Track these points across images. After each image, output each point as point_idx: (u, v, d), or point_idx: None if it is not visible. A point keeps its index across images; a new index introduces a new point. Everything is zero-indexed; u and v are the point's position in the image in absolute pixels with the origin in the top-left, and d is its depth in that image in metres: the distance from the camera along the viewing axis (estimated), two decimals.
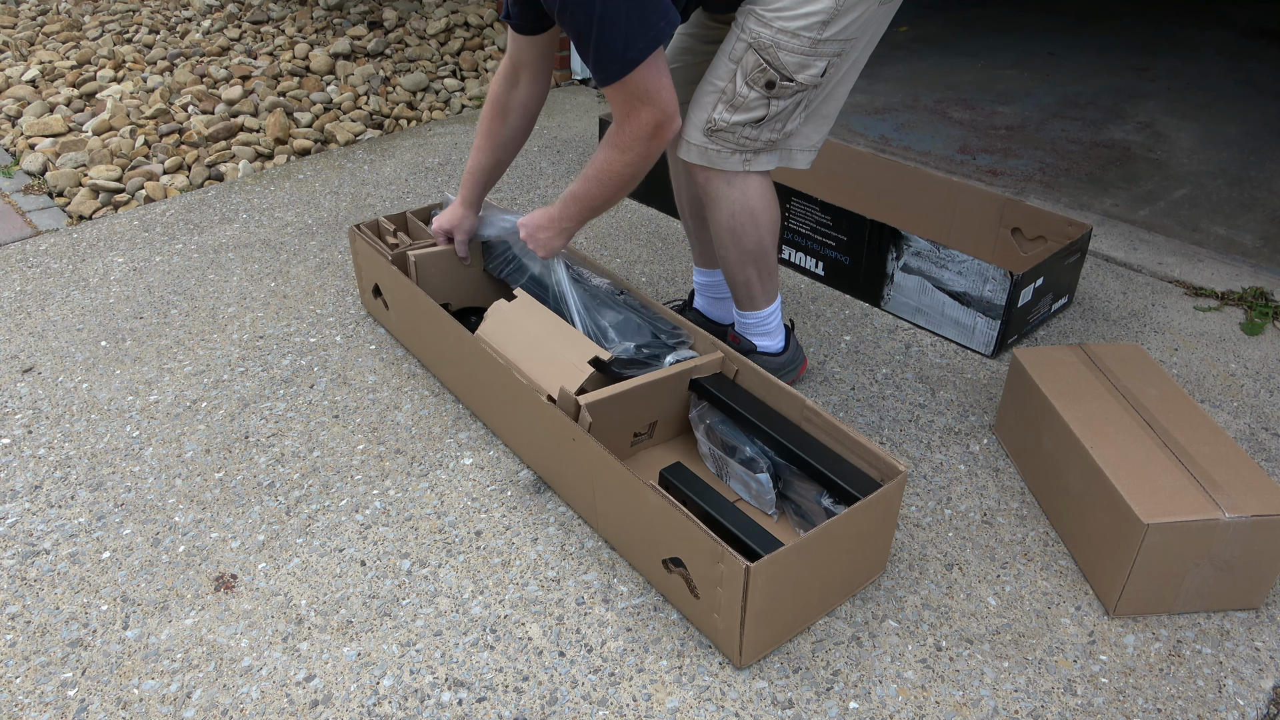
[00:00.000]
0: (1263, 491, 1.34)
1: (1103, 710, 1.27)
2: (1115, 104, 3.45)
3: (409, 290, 1.84)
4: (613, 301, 1.76)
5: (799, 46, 1.44)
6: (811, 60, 1.46)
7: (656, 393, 1.61)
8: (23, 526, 1.56)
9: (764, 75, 1.47)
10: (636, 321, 1.70)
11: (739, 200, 1.61)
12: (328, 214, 2.58)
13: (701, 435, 1.63)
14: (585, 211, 1.63)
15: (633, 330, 1.69)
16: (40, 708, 1.26)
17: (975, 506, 1.60)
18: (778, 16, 1.43)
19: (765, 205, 1.63)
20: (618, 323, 1.70)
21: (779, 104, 1.51)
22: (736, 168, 1.58)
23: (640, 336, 1.67)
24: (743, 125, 1.53)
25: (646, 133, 1.45)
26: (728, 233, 1.66)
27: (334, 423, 1.79)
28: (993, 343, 1.96)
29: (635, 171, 1.51)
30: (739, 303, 1.79)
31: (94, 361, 1.97)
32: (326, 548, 1.51)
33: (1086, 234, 2.05)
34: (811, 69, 1.47)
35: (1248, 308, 2.17)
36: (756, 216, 1.63)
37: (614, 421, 1.57)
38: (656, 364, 1.64)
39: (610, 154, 1.51)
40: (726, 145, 1.56)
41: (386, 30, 3.77)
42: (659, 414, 1.65)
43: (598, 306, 1.73)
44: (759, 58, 1.46)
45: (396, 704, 1.27)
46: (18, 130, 2.98)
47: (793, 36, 1.43)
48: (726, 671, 1.31)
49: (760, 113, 1.51)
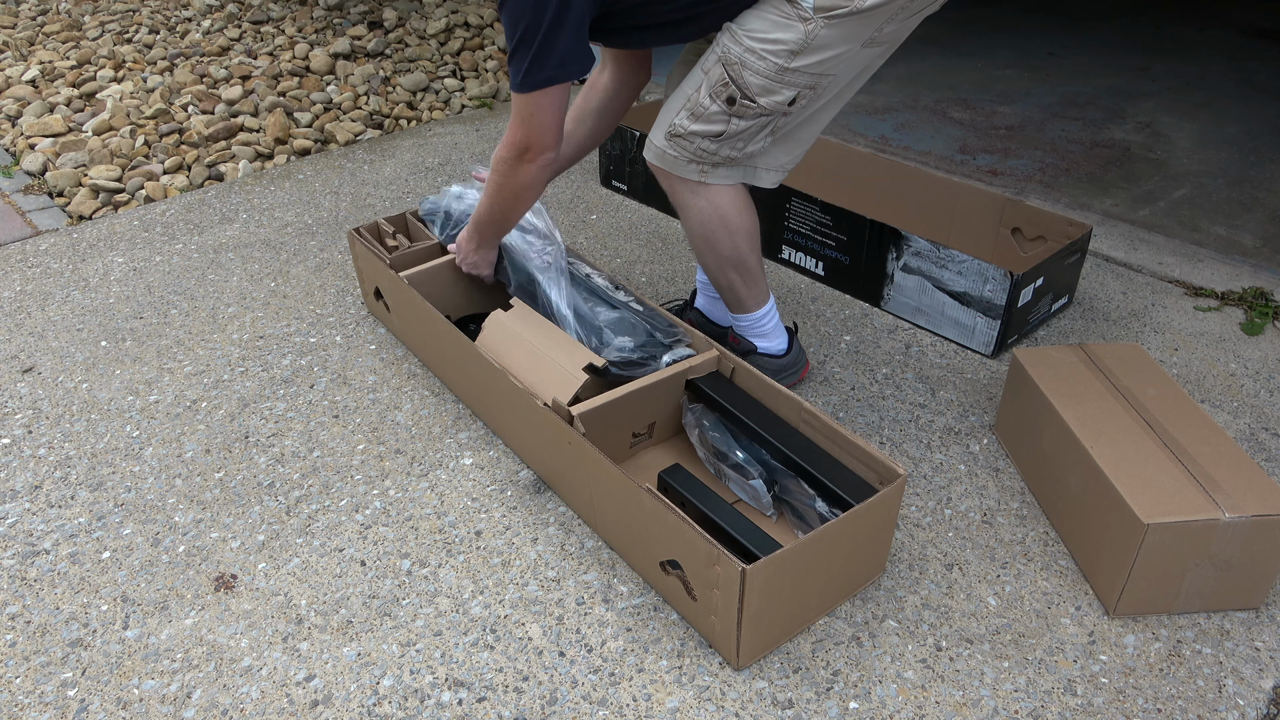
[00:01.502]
0: (1263, 491, 1.34)
1: (1103, 710, 1.27)
2: (1115, 104, 3.45)
3: (410, 296, 1.84)
4: (609, 299, 1.76)
5: (764, 69, 1.43)
6: (777, 87, 1.44)
7: (652, 395, 1.60)
8: (23, 526, 1.56)
9: (726, 90, 1.46)
10: (631, 320, 1.70)
11: (707, 209, 1.61)
12: (328, 214, 2.58)
13: (695, 440, 1.63)
14: (488, 225, 1.73)
15: (628, 329, 1.68)
16: (40, 708, 1.26)
17: (975, 506, 1.60)
18: (748, 35, 1.42)
19: (738, 213, 1.62)
20: (613, 321, 1.69)
21: (740, 123, 1.49)
22: (693, 176, 1.58)
23: (636, 335, 1.67)
24: (700, 136, 1.52)
25: (513, 153, 1.52)
26: (700, 240, 1.66)
27: (334, 423, 1.79)
28: (993, 343, 1.96)
29: (518, 188, 1.58)
30: (728, 305, 1.80)
31: (94, 361, 1.97)
32: (326, 548, 1.51)
33: (1086, 234, 2.05)
34: (777, 95, 1.45)
35: (1248, 308, 2.17)
36: (729, 224, 1.62)
37: (610, 427, 1.57)
38: (653, 364, 1.64)
39: (493, 173, 1.59)
40: (684, 153, 1.55)
41: (386, 30, 3.77)
42: (657, 415, 1.65)
43: (594, 305, 1.73)
44: (724, 72, 1.45)
45: (396, 704, 1.27)
46: (18, 130, 2.98)
47: (759, 59, 1.42)
48: (726, 671, 1.31)
49: (719, 127, 1.50)
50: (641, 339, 1.67)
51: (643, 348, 1.65)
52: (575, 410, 1.49)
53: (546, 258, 1.81)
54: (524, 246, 1.84)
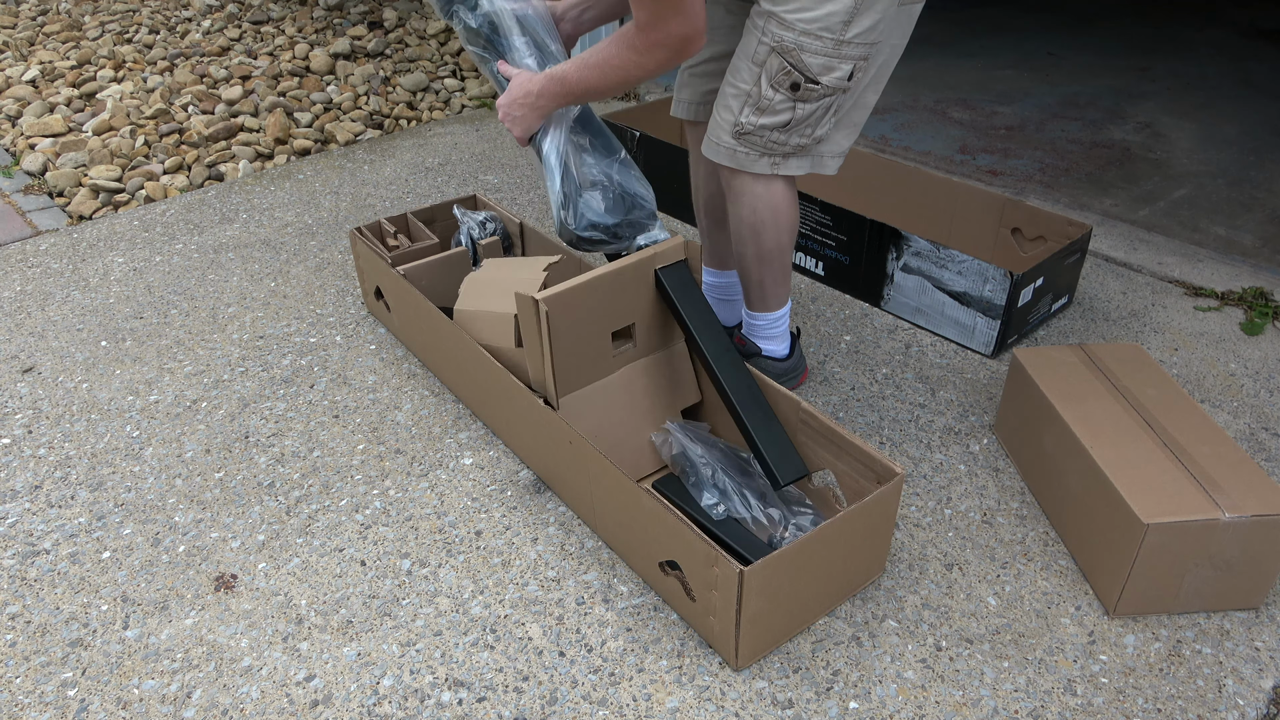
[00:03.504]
0: (1263, 491, 1.34)
1: (1103, 710, 1.27)
2: (1115, 104, 3.45)
3: (410, 294, 1.84)
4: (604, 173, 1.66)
5: (822, 48, 1.45)
6: (835, 62, 1.46)
7: (622, 285, 1.53)
8: (23, 526, 1.56)
9: (789, 77, 1.48)
10: (613, 198, 1.62)
11: (764, 197, 1.61)
12: (328, 214, 2.58)
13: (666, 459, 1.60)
14: (570, 96, 1.55)
15: (608, 207, 1.61)
16: (40, 708, 1.26)
17: (975, 506, 1.60)
18: (799, 19, 1.43)
19: (789, 206, 1.64)
20: (594, 196, 1.62)
21: (805, 107, 1.51)
22: (765, 170, 1.59)
23: (614, 215, 1.60)
24: (769, 129, 1.53)
25: (674, 44, 1.39)
26: (748, 229, 1.65)
27: (334, 423, 1.79)
28: (993, 343, 1.96)
29: (644, 76, 1.46)
30: (751, 302, 1.79)
31: (94, 361, 1.97)
32: (326, 548, 1.51)
33: (1086, 234, 2.05)
34: (836, 71, 1.47)
35: (1248, 308, 2.17)
36: (779, 216, 1.63)
37: (585, 320, 1.51)
38: (624, 243, 1.59)
39: (625, 54, 1.44)
40: (755, 148, 1.56)
41: (386, 30, 3.77)
42: (634, 313, 1.58)
43: (584, 157, 1.64)
44: (783, 61, 1.46)
45: (396, 704, 1.27)
46: (18, 130, 2.98)
47: (815, 38, 1.44)
48: (726, 671, 1.31)
49: (786, 116, 1.52)
50: (618, 216, 1.59)
51: (613, 228, 1.59)
52: (539, 295, 1.43)
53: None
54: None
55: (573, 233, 1.61)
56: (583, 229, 1.60)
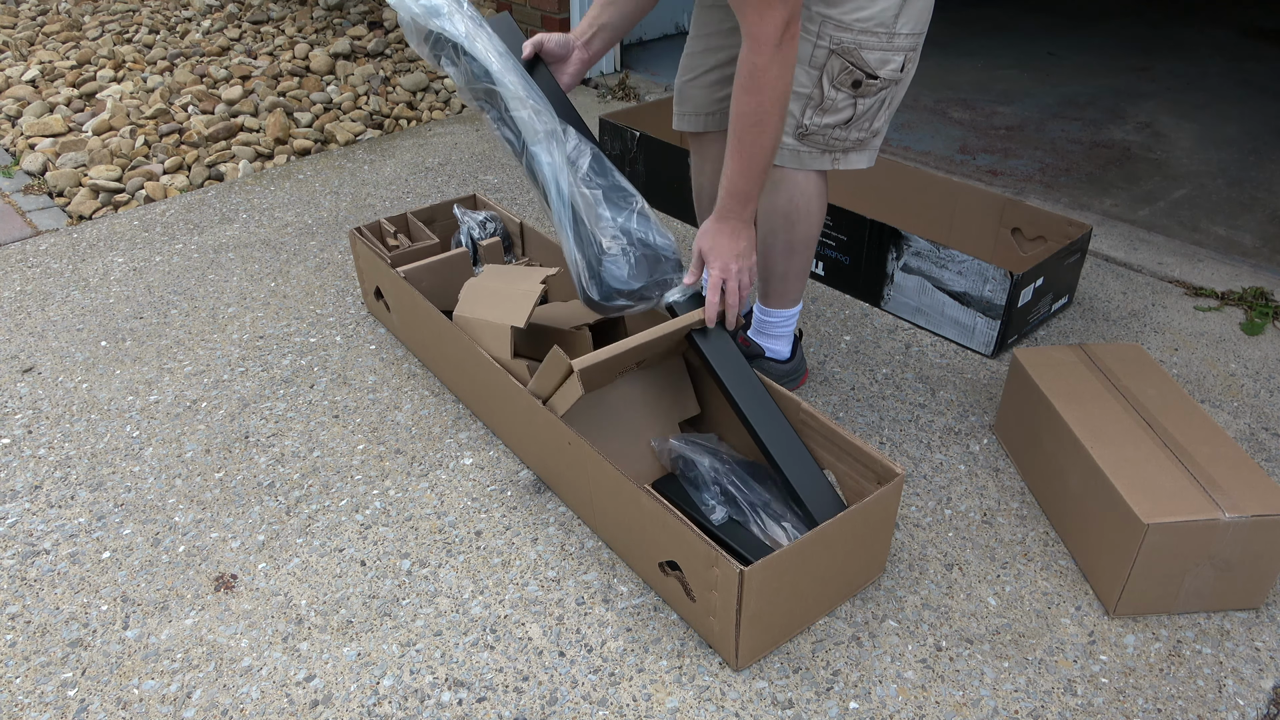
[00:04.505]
0: (1263, 491, 1.34)
1: (1103, 710, 1.27)
2: (1115, 104, 3.45)
3: (410, 295, 1.84)
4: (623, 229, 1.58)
5: (878, 44, 1.47)
6: (890, 55, 1.49)
7: (650, 347, 1.53)
8: (23, 526, 1.56)
9: (850, 76, 1.50)
10: (635, 260, 1.56)
11: (804, 185, 1.62)
12: (328, 214, 2.58)
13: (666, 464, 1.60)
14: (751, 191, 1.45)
15: (630, 272, 1.55)
16: (40, 708, 1.26)
17: (975, 506, 1.60)
18: (856, 19, 1.45)
19: (821, 198, 1.65)
20: (615, 263, 1.55)
21: (865, 103, 1.53)
22: (827, 166, 1.61)
23: (639, 279, 1.54)
24: (832, 127, 1.55)
25: (777, 33, 1.30)
26: (782, 218, 1.65)
27: (334, 423, 1.79)
28: (993, 343, 1.96)
29: (776, 97, 1.35)
30: (768, 296, 1.77)
31: (94, 361, 1.97)
32: (326, 548, 1.51)
33: (1086, 234, 2.05)
34: (891, 64, 1.50)
35: (1248, 308, 2.17)
36: (812, 206, 1.64)
37: (605, 375, 1.54)
38: (650, 303, 1.58)
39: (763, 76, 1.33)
40: (816, 146, 1.58)
41: (386, 30, 3.77)
42: (651, 357, 1.59)
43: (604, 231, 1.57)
44: (844, 61, 1.49)
45: (396, 704, 1.27)
46: (18, 130, 2.98)
47: (871, 35, 1.46)
48: (726, 671, 1.31)
49: (848, 114, 1.54)
50: (643, 279, 1.54)
51: (641, 290, 1.55)
52: (578, 366, 1.43)
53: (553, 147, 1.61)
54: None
55: (597, 303, 1.55)
56: (608, 299, 1.55)
